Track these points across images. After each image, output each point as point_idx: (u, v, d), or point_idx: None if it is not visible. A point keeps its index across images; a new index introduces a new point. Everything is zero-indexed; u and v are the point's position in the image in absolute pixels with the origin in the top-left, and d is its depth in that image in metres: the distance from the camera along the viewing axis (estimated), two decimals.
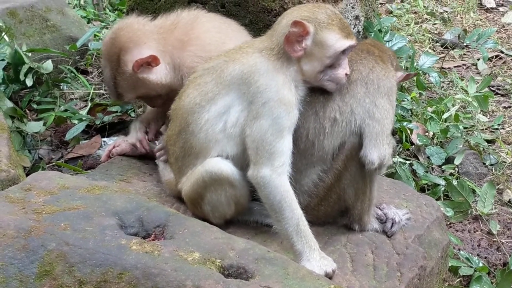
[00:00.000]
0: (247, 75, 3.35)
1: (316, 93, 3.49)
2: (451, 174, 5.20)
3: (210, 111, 3.41)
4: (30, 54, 5.41)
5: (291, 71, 3.38)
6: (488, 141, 5.75)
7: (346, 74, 3.45)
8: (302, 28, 3.33)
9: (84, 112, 5.36)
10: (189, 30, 3.90)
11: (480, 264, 4.44)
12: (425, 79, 6.17)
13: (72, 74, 5.80)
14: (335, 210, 3.68)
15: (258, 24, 4.52)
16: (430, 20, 8.21)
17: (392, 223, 3.68)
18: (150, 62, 3.83)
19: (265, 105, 3.28)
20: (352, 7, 5.07)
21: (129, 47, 3.85)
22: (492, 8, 8.66)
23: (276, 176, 3.26)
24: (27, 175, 4.56)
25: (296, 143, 3.40)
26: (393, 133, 5.47)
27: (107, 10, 7.67)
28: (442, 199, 4.95)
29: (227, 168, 3.38)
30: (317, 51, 3.37)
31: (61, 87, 5.66)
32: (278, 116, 3.27)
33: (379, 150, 3.44)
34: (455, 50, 7.42)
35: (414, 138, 5.41)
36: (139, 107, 5.15)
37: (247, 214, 3.65)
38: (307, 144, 3.48)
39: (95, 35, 6.43)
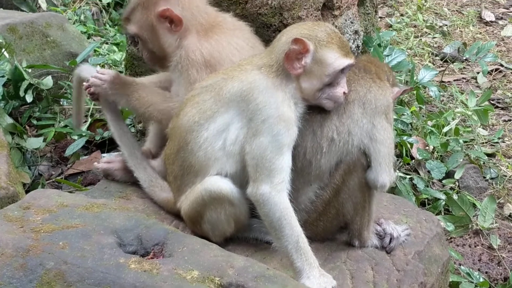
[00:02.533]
0: (246, 92, 3.34)
1: (314, 112, 3.49)
2: (451, 188, 5.20)
3: (209, 129, 3.40)
4: (30, 70, 5.42)
5: (290, 88, 3.38)
6: (489, 155, 5.74)
7: (344, 93, 3.45)
8: (303, 45, 3.34)
9: (84, 127, 5.35)
10: (218, 30, 3.91)
11: (481, 279, 4.42)
12: (425, 93, 6.17)
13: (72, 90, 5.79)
14: (334, 225, 3.67)
15: None
16: (429, 33, 8.22)
17: (391, 239, 3.67)
18: (174, 22, 3.84)
19: (264, 122, 3.28)
20: (351, 22, 5.08)
21: None
22: (491, 22, 8.67)
23: (276, 193, 3.25)
24: (27, 191, 4.56)
25: (294, 162, 3.38)
26: None
27: (107, 26, 7.68)
28: (442, 214, 4.94)
29: (226, 186, 3.37)
30: (317, 69, 3.37)
31: (61, 103, 5.66)
32: (278, 133, 3.27)
33: (389, 173, 3.50)
34: (454, 63, 7.42)
35: (414, 152, 5.40)
36: (138, 122, 5.15)
37: (247, 231, 3.64)
38: (304, 162, 3.48)
39: (95, 51, 6.44)
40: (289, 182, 3.31)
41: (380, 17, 8.38)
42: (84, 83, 4.01)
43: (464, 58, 7.36)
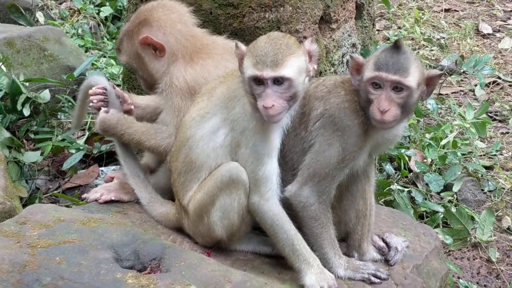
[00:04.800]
0: (228, 99, 3.44)
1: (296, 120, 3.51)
2: (449, 201, 5.19)
3: (204, 129, 3.48)
4: (27, 84, 5.42)
5: None
6: (487, 167, 5.74)
7: (263, 107, 3.23)
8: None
9: (81, 141, 5.35)
10: (204, 54, 3.91)
11: None
12: (422, 105, 6.17)
13: (70, 104, 5.79)
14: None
15: None
16: (427, 46, 8.24)
17: (395, 252, 3.67)
18: (157, 48, 3.88)
19: (242, 134, 3.37)
20: (349, 35, 5.09)
21: (153, 24, 3.89)
22: (489, 34, 8.69)
23: (264, 202, 3.36)
24: (24, 205, 4.54)
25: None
26: (391, 160, 5.48)
27: (105, 39, 7.69)
28: (441, 227, 4.93)
29: (245, 175, 3.40)
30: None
31: (59, 117, 5.66)
32: (254, 144, 3.34)
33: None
34: (452, 76, 7.43)
35: (412, 165, 5.40)
36: None
37: (245, 244, 3.64)
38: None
39: (92, 64, 6.45)
40: (279, 186, 3.37)
41: (378, 30, 8.41)
42: (90, 90, 4.03)
43: (462, 70, 7.37)
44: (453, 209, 4.95)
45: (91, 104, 3.95)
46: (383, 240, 3.72)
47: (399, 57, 3.30)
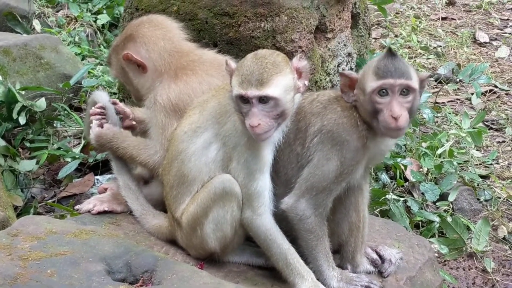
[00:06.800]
0: (219, 115, 3.45)
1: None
2: (445, 210, 5.18)
3: (196, 143, 3.48)
4: (23, 92, 5.41)
5: None
6: (483, 177, 5.73)
7: (250, 125, 3.22)
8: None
9: (77, 150, 5.34)
10: (189, 70, 3.90)
11: None
12: (419, 114, 6.17)
13: (66, 112, 5.79)
14: None
15: None
16: (424, 54, 8.24)
17: (389, 264, 3.67)
18: (139, 65, 3.90)
19: (234, 150, 3.38)
20: (345, 45, 5.09)
21: (137, 40, 3.92)
22: (485, 43, 8.69)
23: (257, 217, 3.37)
24: (19, 214, 4.55)
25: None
26: (387, 169, 5.48)
27: (102, 47, 7.69)
28: (436, 236, 4.92)
29: (238, 187, 3.40)
30: None
31: (55, 125, 5.65)
32: (246, 160, 3.35)
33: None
34: (449, 84, 7.43)
35: (408, 174, 5.39)
36: None
37: (238, 255, 3.64)
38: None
39: (89, 72, 6.44)
40: (272, 201, 3.39)
41: (375, 38, 8.41)
42: (90, 111, 4.06)
43: (458, 79, 7.38)
44: (449, 219, 4.93)
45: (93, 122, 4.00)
46: (377, 253, 3.71)
47: (399, 62, 3.33)
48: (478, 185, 5.52)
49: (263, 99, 3.21)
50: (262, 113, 3.21)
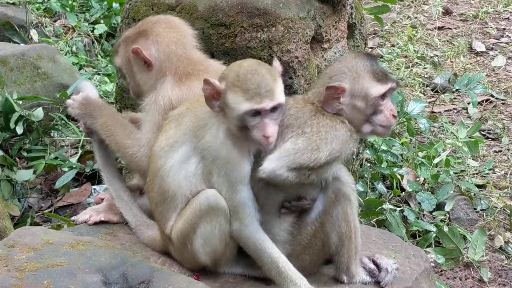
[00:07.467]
0: (197, 128, 3.42)
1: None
2: (442, 220, 5.19)
3: (174, 158, 3.46)
4: (20, 102, 5.43)
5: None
6: (479, 186, 5.75)
7: (264, 136, 3.25)
8: (210, 86, 3.30)
9: (74, 159, 5.35)
10: (194, 77, 3.90)
11: None
12: (415, 123, 6.19)
13: (63, 122, 5.81)
14: (321, 258, 3.65)
15: None
16: (420, 64, 8.27)
17: (386, 273, 3.67)
18: (146, 61, 3.87)
19: (213, 163, 3.37)
20: (341, 55, 5.10)
21: (150, 38, 3.88)
22: (482, 52, 8.72)
23: (244, 228, 3.38)
24: (16, 224, 4.55)
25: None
26: (384, 179, 5.49)
27: (99, 57, 7.70)
28: (433, 246, 4.93)
29: (224, 202, 3.40)
30: (226, 112, 3.32)
31: (52, 135, 5.67)
32: (226, 173, 3.35)
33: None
34: (445, 94, 7.45)
35: (404, 184, 5.41)
36: None
37: (233, 266, 3.63)
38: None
39: None
40: (257, 211, 3.39)
41: (371, 48, 8.44)
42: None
43: (455, 89, 7.40)
44: (446, 228, 4.94)
45: None
46: (374, 262, 3.71)
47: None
48: (474, 194, 5.54)
49: (275, 108, 3.24)
50: (272, 122, 3.25)
